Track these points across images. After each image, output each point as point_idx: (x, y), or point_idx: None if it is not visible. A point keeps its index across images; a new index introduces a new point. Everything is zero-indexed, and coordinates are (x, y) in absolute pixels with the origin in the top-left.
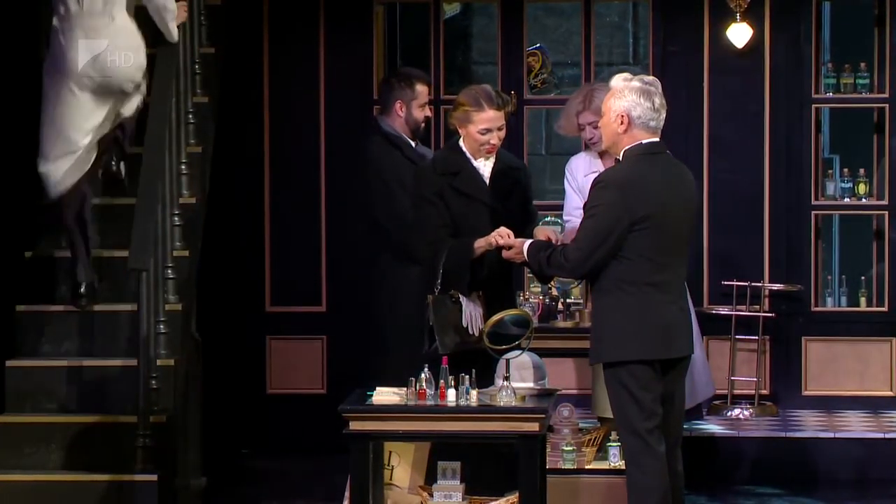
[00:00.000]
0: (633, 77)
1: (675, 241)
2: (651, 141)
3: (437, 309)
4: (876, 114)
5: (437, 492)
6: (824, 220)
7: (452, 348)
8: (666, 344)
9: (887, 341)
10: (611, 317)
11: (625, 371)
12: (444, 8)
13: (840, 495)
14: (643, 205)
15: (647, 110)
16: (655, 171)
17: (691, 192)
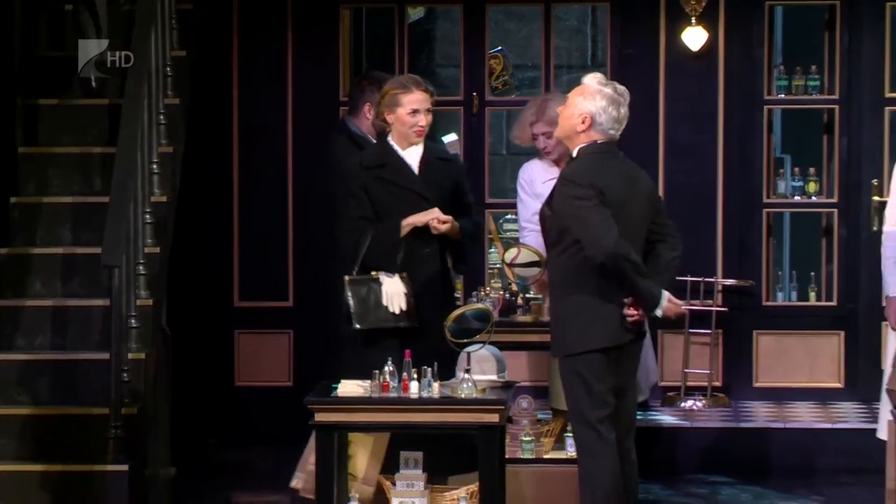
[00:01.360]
0: (607, 82)
1: (631, 232)
2: (606, 141)
3: (356, 289)
4: (826, 115)
5: (399, 481)
6: (775, 218)
7: (372, 325)
8: (624, 327)
9: (836, 334)
10: (570, 309)
11: (580, 361)
12: (409, 12)
13: (790, 484)
14: (609, 195)
15: (611, 119)
16: (612, 168)
17: (648, 188)
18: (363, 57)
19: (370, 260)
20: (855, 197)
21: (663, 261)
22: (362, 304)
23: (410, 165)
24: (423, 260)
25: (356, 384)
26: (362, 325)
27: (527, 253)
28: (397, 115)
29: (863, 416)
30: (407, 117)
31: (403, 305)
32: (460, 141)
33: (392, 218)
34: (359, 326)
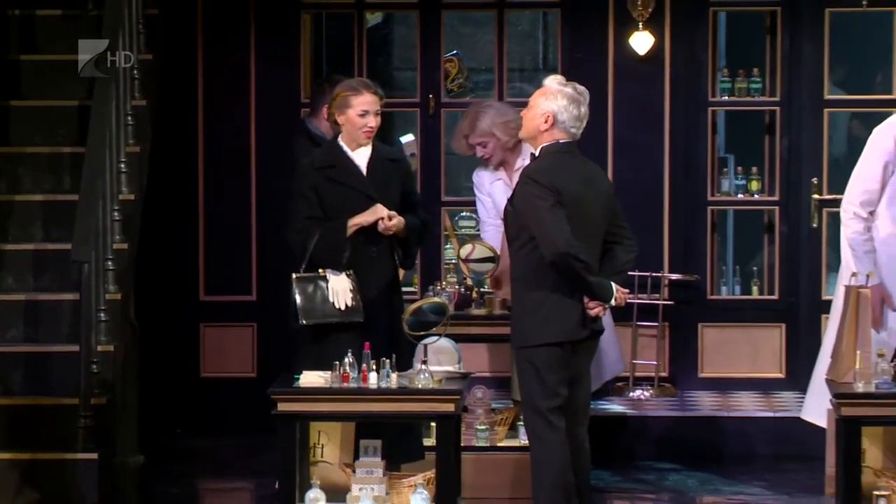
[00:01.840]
0: (567, 83)
1: (589, 231)
2: (567, 141)
3: (302, 286)
4: (767, 116)
5: (359, 468)
6: (719, 215)
7: (317, 320)
8: (582, 325)
9: (777, 327)
10: (529, 303)
11: (536, 353)
12: (367, 17)
13: (734, 470)
14: (566, 194)
15: (572, 117)
16: (571, 167)
17: (606, 190)
18: (323, 60)
19: (318, 258)
20: (795, 195)
21: (619, 263)
22: (308, 300)
23: (359, 166)
24: (371, 258)
25: (317, 375)
26: (308, 320)
27: (481, 249)
28: (347, 116)
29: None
30: (357, 118)
31: (349, 301)
32: (417, 141)
33: (341, 217)
34: (304, 322)
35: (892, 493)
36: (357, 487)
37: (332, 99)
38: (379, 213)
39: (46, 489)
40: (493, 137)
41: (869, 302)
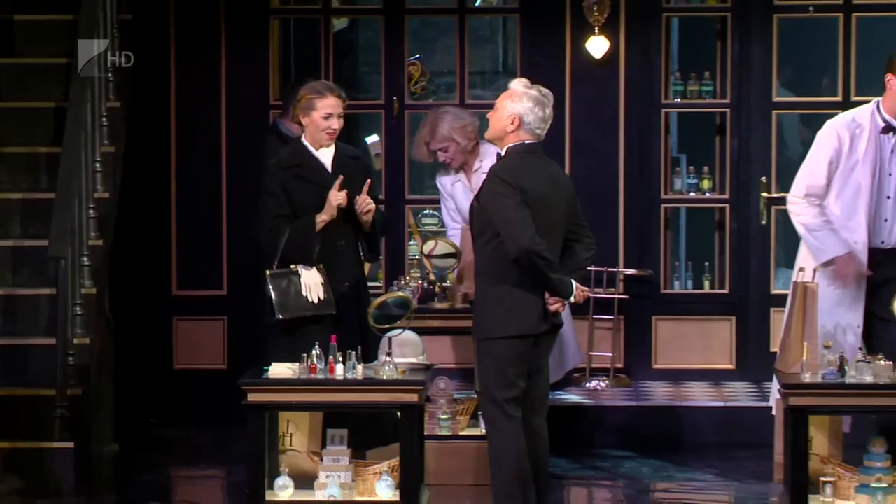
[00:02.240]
0: (531, 85)
1: (551, 229)
2: (532, 142)
3: (276, 282)
4: (718, 117)
5: (326, 456)
6: (672, 213)
7: (293, 314)
8: (543, 319)
9: (728, 320)
10: (492, 296)
11: (496, 345)
12: (334, 22)
13: (686, 457)
14: (531, 193)
15: (537, 118)
16: (535, 167)
17: (568, 189)
18: (291, 63)
19: (289, 254)
20: (745, 193)
21: (578, 260)
22: (283, 295)
23: (324, 164)
24: (339, 251)
25: (286, 367)
26: (284, 315)
27: (443, 245)
28: (311, 118)
29: (753, 395)
30: (320, 121)
31: (322, 295)
32: (381, 141)
33: (309, 214)
34: (281, 317)
35: (837, 480)
36: (324, 475)
37: (296, 101)
38: (333, 202)
39: (24, 477)
40: (452, 142)
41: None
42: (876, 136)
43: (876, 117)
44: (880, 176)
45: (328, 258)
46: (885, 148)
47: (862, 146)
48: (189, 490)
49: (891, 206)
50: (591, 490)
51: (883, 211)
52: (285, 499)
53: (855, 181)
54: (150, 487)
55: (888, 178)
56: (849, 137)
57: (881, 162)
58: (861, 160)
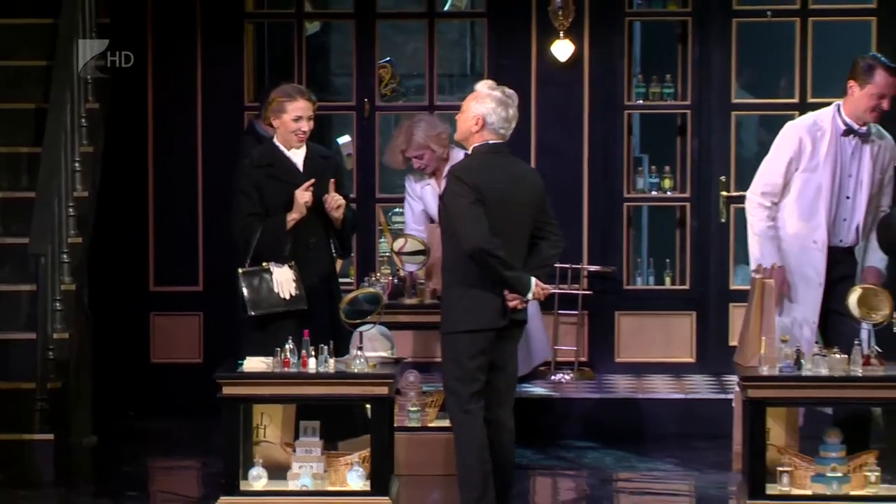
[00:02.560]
0: (496, 87)
1: (513, 227)
2: (497, 142)
3: (248, 279)
4: (679, 118)
5: (299, 447)
6: (635, 211)
7: (265, 310)
8: (501, 314)
9: (689, 315)
10: (454, 292)
11: (458, 339)
12: (306, 26)
13: (648, 448)
14: (484, 191)
15: (500, 119)
16: (497, 166)
17: (535, 188)
18: (265, 66)
19: (260, 252)
20: (705, 192)
21: (543, 257)
22: (255, 292)
23: (296, 164)
24: (311, 248)
25: (260, 360)
26: (256, 311)
27: (413, 242)
28: (282, 120)
29: (712, 387)
30: (290, 123)
31: (293, 291)
32: (353, 142)
33: (282, 212)
34: (253, 313)
35: (794, 469)
36: (297, 465)
37: (268, 103)
38: (299, 201)
39: (5, 468)
40: (428, 149)
41: (773, 292)
42: (836, 138)
43: (837, 120)
44: (840, 177)
45: (300, 255)
46: (846, 150)
47: (823, 148)
48: (166, 480)
49: (849, 206)
50: (556, 480)
51: (842, 211)
52: (259, 489)
53: (816, 182)
54: (129, 478)
55: (848, 180)
56: (810, 140)
57: (841, 164)
58: (822, 162)
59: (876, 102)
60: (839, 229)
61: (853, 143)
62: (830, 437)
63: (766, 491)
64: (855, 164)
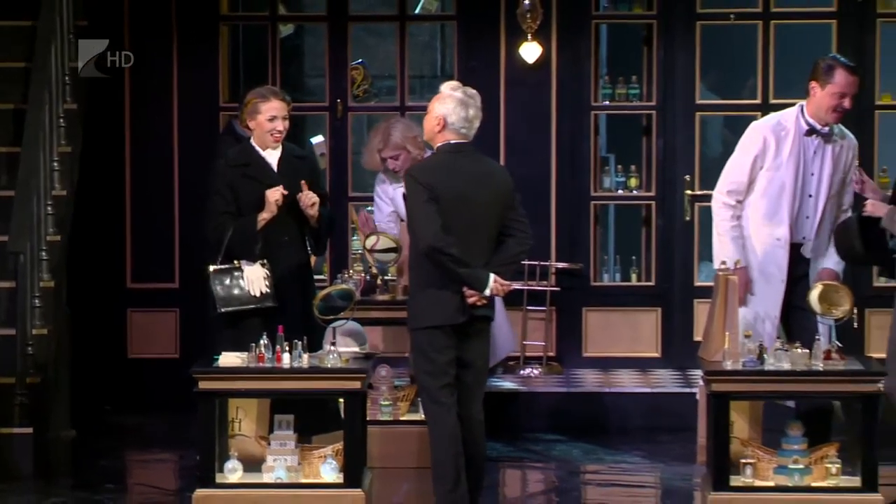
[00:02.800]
0: (458, 87)
1: (473, 225)
2: (459, 142)
3: (219, 277)
4: (645, 119)
5: (273, 441)
6: (601, 209)
7: (235, 307)
8: (461, 311)
9: (654, 310)
10: (417, 288)
11: (422, 335)
12: (280, 28)
13: (614, 441)
14: (438, 190)
15: (460, 119)
16: (457, 165)
17: (502, 186)
18: (240, 67)
19: (232, 250)
20: (670, 191)
21: (509, 253)
22: (226, 290)
23: (270, 164)
24: (283, 246)
25: (235, 356)
26: (226, 308)
27: (385, 240)
28: (258, 121)
29: (677, 381)
30: (266, 123)
31: (264, 289)
32: (326, 141)
33: (256, 211)
34: (223, 310)
35: (757, 461)
36: (272, 458)
37: (243, 106)
38: (269, 200)
39: None
40: (404, 150)
41: (737, 288)
42: (800, 138)
43: (800, 120)
44: (803, 176)
45: (273, 253)
46: (809, 149)
47: (786, 148)
48: (143, 473)
49: (812, 204)
50: (525, 472)
51: (805, 209)
52: (234, 481)
53: (779, 181)
54: (106, 471)
55: (811, 178)
56: (774, 139)
57: (804, 163)
58: (785, 161)
59: (837, 102)
60: (802, 227)
61: (816, 143)
62: (792, 430)
63: (730, 482)
64: (817, 163)
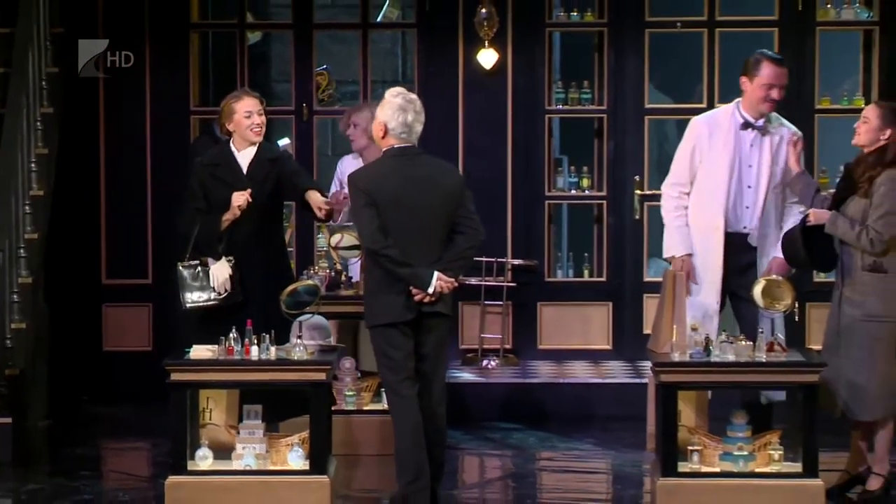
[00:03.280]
0: (399, 93)
1: (417, 226)
2: (403, 146)
3: (186, 272)
4: (596, 122)
5: (242, 429)
6: (555, 208)
7: (201, 303)
8: (405, 308)
9: (605, 305)
10: (369, 288)
11: (377, 332)
12: (248, 35)
13: (568, 429)
14: (380, 195)
15: (399, 124)
16: (400, 169)
17: (450, 187)
18: (210, 72)
19: (198, 247)
20: (621, 191)
21: (458, 250)
22: (192, 285)
23: (241, 166)
24: (251, 245)
25: (206, 348)
26: (191, 303)
27: (349, 238)
28: (235, 121)
29: (628, 372)
30: (243, 120)
31: (228, 286)
32: (292, 143)
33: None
34: (188, 305)
35: (703, 448)
36: (241, 446)
37: (221, 110)
38: (233, 203)
39: None
40: (361, 124)
41: (683, 283)
42: (736, 131)
43: (736, 115)
44: (741, 167)
45: (240, 251)
46: (745, 143)
47: (721, 141)
48: (117, 461)
49: (751, 195)
50: (483, 459)
51: (745, 199)
52: (205, 468)
53: (716, 173)
54: (82, 459)
55: (748, 170)
56: (708, 133)
57: (741, 155)
58: (721, 153)
59: (766, 93)
60: (742, 217)
61: (752, 136)
62: (737, 419)
63: (678, 469)
64: (755, 155)
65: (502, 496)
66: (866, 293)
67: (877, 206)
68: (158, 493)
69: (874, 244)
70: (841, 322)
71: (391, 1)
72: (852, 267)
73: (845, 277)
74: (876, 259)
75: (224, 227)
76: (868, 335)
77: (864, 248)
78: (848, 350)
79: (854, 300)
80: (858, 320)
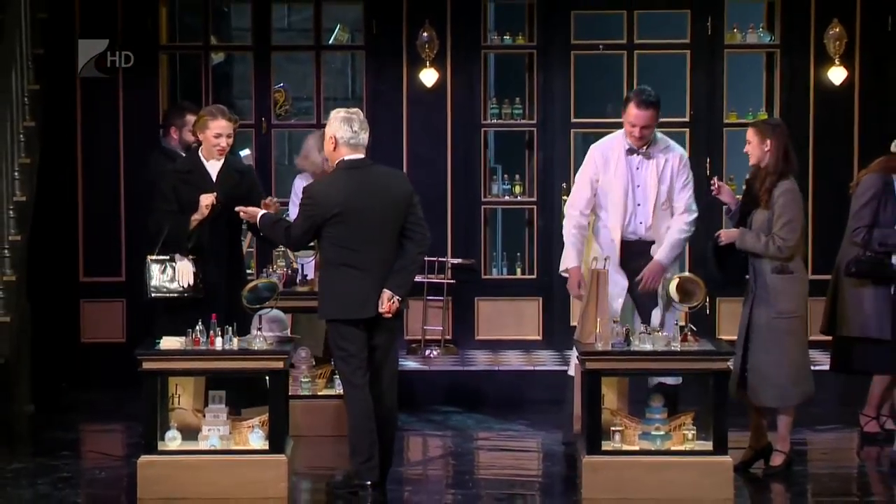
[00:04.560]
0: (340, 110)
1: (367, 232)
2: (353, 157)
3: (154, 266)
4: (527, 134)
5: (208, 413)
6: (491, 212)
7: (164, 294)
8: (359, 307)
9: (536, 300)
10: (323, 287)
11: (334, 327)
12: (212, 56)
13: (503, 412)
14: (332, 206)
15: (347, 132)
16: (351, 180)
17: (399, 195)
18: (178, 90)
19: (167, 244)
20: (549, 197)
21: (409, 257)
22: (158, 278)
23: (210, 174)
24: (215, 245)
25: (175, 340)
26: (155, 294)
27: None
28: (205, 135)
29: (556, 361)
30: (212, 138)
31: (191, 281)
32: (252, 154)
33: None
34: (152, 295)
35: (624, 429)
36: (206, 428)
37: (196, 119)
38: (201, 203)
39: None
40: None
41: (607, 280)
42: (625, 156)
43: (623, 142)
44: (632, 187)
45: (205, 250)
46: (633, 165)
47: (614, 164)
48: (95, 442)
49: (642, 210)
50: (426, 439)
51: (639, 215)
52: (174, 448)
53: (612, 193)
54: (62, 441)
55: (637, 189)
56: (603, 159)
57: (630, 177)
58: (614, 176)
59: (630, 130)
60: (636, 230)
61: (638, 160)
62: (654, 402)
63: (602, 447)
64: (642, 176)
65: (443, 472)
66: (776, 294)
67: (779, 217)
68: (132, 471)
69: (781, 250)
70: (753, 321)
71: (342, 25)
72: (762, 271)
73: (757, 280)
74: (782, 262)
75: (193, 227)
76: (780, 331)
77: (773, 255)
78: (762, 345)
79: (766, 300)
80: (771, 318)
